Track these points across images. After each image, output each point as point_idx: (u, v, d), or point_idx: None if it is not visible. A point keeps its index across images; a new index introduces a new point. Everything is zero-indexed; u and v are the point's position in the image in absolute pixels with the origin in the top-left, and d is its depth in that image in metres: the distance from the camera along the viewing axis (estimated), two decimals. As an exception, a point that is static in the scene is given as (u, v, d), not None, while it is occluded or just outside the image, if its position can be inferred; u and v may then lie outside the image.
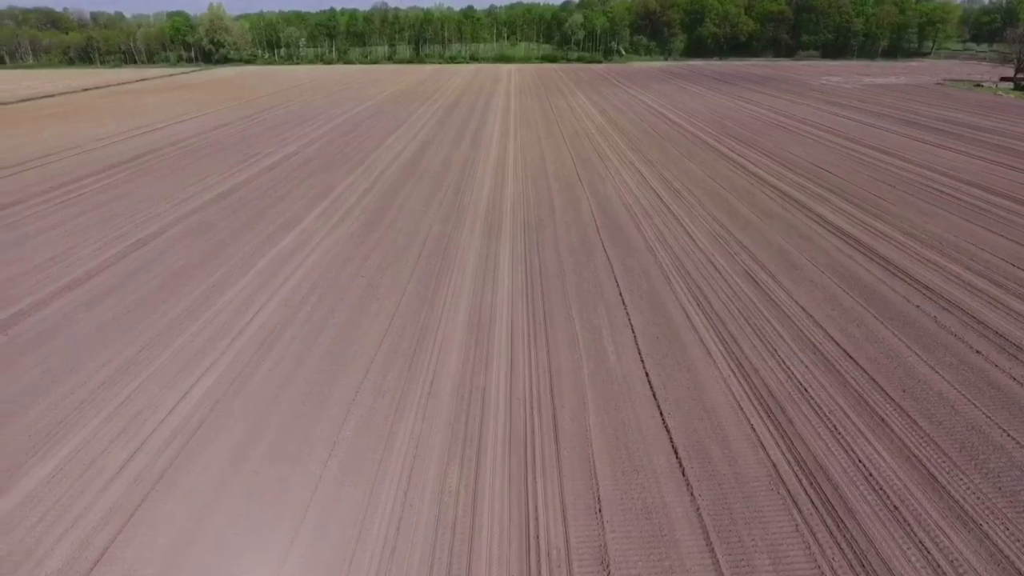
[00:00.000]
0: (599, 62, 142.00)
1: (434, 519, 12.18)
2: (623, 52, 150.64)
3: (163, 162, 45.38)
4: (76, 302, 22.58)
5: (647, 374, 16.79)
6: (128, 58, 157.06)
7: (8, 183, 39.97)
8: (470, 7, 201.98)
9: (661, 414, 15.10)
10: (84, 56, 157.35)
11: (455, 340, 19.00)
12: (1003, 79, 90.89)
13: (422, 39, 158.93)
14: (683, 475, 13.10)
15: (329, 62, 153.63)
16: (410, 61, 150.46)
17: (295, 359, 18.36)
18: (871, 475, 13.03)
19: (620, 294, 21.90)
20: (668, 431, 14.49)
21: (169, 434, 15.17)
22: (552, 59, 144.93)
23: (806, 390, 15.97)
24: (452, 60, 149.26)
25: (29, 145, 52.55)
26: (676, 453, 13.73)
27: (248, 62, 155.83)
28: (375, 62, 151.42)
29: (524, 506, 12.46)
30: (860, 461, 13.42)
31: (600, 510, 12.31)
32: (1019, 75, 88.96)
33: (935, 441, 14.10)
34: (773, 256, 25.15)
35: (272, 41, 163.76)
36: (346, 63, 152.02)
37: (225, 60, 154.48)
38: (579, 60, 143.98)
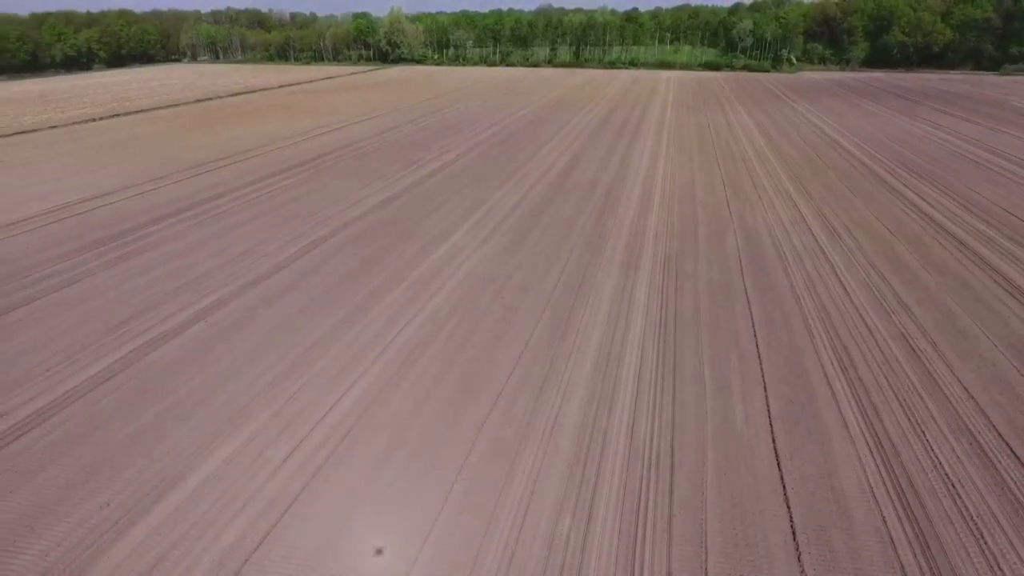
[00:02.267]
0: (767, 71, 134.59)
1: (543, 561, 13.02)
2: (794, 61, 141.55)
3: (337, 164, 50.16)
4: (259, 298, 26.04)
5: (774, 441, 16.43)
6: (317, 56, 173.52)
7: (215, 176, 46.36)
8: (634, 9, 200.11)
9: (784, 488, 14.79)
10: (282, 53, 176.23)
11: (582, 377, 19.68)
12: None
13: (583, 42, 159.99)
14: (798, 561, 12.85)
15: (492, 64, 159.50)
16: (569, 65, 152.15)
17: (435, 378, 20.00)
18: (1017, 598, 12.00)
19: (757, 345, 21.36)
20: (789, 508, 14.19)
21: (324, 435, 17.31)
22: (715, 66, 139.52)
23: (953, 486, 14.82)
24: (611, 65, 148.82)
25: (233, 141, 60.31)
26: (794, 535, 13.45)
27: (419, 62, 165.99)
28: (535, 65, 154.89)
29: (630, 564, 12.91)
30: (1006, 579, 12.38)
31: (707, 582, 12.47)
32: None
33: (1105, 571, 12.60)
34: (938, 320, 23.11)
35: (442, 42, 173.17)
36: (508, 65, 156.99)
37: (399, 60, 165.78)
38: (745, 68, 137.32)
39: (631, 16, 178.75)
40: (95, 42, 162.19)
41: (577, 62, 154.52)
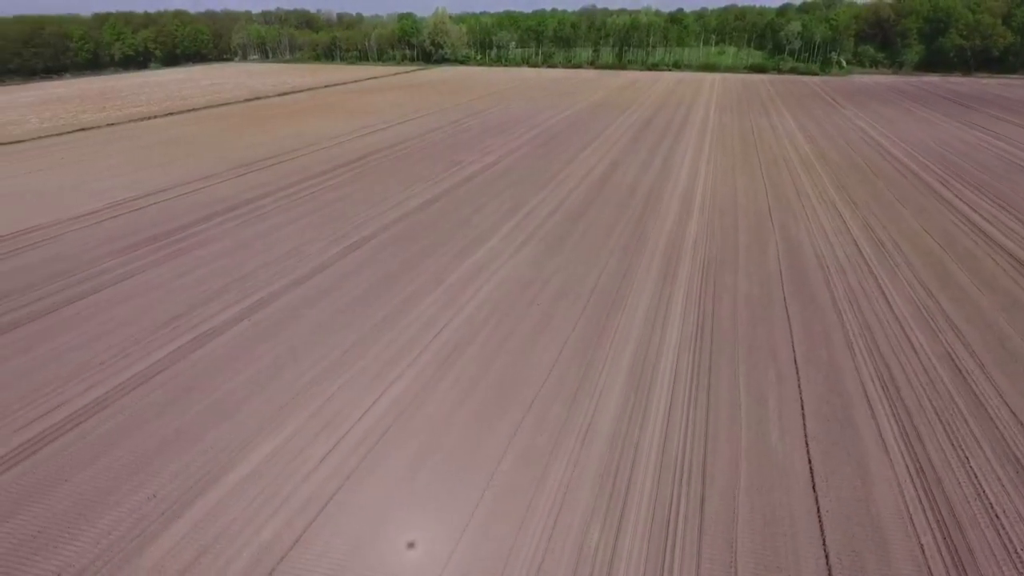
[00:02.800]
0: (815, 74, 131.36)
1: (572, 571, 13.13)
2: (844, 64, 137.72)
3: (381, 165, 51.01)
4: (302, 297, 26.75)
5: (810, 460, 16.19)
6: (362, 55, 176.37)
7: (262, 175, 47.66)
8: (679, 10, 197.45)
9: (818, 510, 14.58)
10: (328, 53, 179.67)
11: (616, 387, 19.70)
12: None
13: (626, 44, 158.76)
14: (831, 585, 12.69)
15: (535, 65, 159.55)
16: (612, 66, 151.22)
17: (470, 382, 20.28)
18: (1061, 636, 11.62)
19: (795, 360, 21.03)
20: (822, 531, 14.00)
21: (361, 436, 17.75)
22: (761, 68, 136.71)
23: (997, 516, 14.39)
24: (654, 67, 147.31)
25: (279, 140, 61.85)
26: (827, 559, 13.28)
27: (462, 62, 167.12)
28: (578, 66, 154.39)
29: (659, 579, 12.94)
30: (1050, 616, 12.00)
31: (735, 602, 12.42)
32: None
33: None
34: (987, 341, 22.37)
35: (484, 43, 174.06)
36: (550, 66, 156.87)
37: (442, 60, 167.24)
38: (792, 71, 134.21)
39: (675, 17, 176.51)
40: (151, 41, 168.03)
41: (620, 64, 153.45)
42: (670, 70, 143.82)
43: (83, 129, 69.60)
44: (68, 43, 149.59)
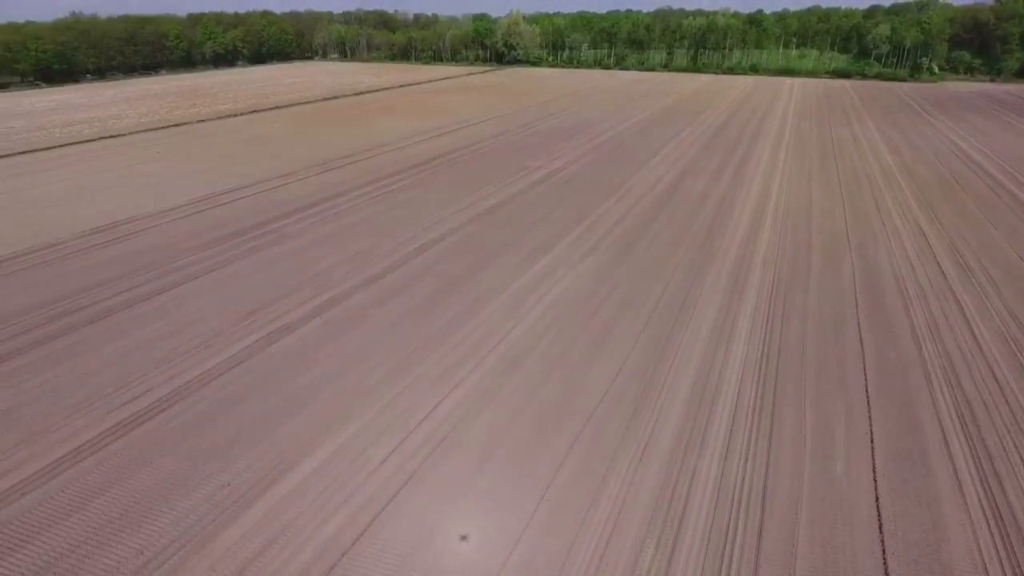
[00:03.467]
0: (903, 80, 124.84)
1: (624, 593, 13.21)
2: (935, 70, 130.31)
3: (451, 167, 51.99)
4: (371, 297, 27.69)
5: (877, 498, 15.63)
6: (436, 55, 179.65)
7: (337, 174, 49.45)
8: (759, 11, 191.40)
9: (883, 552, 14.09)
10: (404, 53, 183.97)
11: (675, 407, 19.54)
12: None
13: (701, 46, 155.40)
14: (893, 632, 12.28)
15: (606, 67, 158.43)
16: (685, 70, 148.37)
17: (530, 391, 20.55)
18: None
19: (866, 391, 20.28)
20: (887, 573, 13.52)
21: (422, 439, 18.30)
22: (845, 74, 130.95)
23: (1082, 573, 13.55)
24: (730, 70, 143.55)
25: (355, 140, 63.92)
26: (891, 603, 12.85)
27: (534, 64, 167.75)
28: (651, 69, 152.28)
29: (712, 609, 12.84)
30: None
31: (790, 639, 12.19)
32: None
33: None
34: (1082, 380, 20.95)
35: (557, 44, 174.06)
36: (622, 69, 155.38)
37: (514, 61, 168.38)
38: (878, 77, 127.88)
39: (754, 18, 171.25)
40: (240, 40, 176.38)
41: (694, 67, 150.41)
42: (746, 74, 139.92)
43: (176, 125, 73.91)
44: (165, 42, 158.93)
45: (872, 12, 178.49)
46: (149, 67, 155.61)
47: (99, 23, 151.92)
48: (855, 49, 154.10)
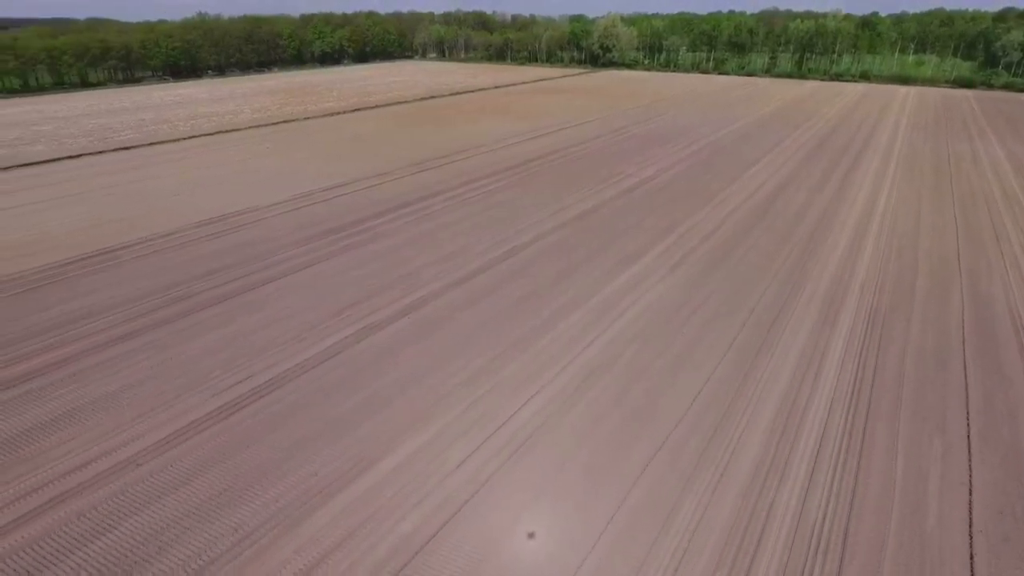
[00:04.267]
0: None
1: (690, 623, 13.13)
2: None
3: (544, 170, 52.44)
4: (460, 299, 28.52)
5: (972, 556, 14.68)
6: (532, 56, 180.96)
7: (432, 175, 51.04)
8: (874, 13, 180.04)
9: (976, 612, 13.28)
10: (500, 54, 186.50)
11: (756, 435, 19.04)
12: None
13: (808, 51, 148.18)
14: None
15: (704, 71, 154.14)
16: (790, 75, 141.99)
17: (610, 403, 20.62)
18: None
19: (968, 436, 18.99)
20: (978, 636, 12.75)
21: (500, 445, 18.77)
22: (968, 83, 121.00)
23: None
24: (838, 77, 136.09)
25: (450, 140, 65.63)
26: (980, 669, 12.09)
27: (629, 66, 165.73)
28: (751, 74, 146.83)
29: (782, 650, 12.55)
30: None
31: None
32: None
33: None
34: None
35: (654, 46, 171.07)
36: (721, 73, 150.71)
37: (609, 63, 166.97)
38: (1006, 87, 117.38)
39: (868, 21, 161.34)
40: (346, 40, 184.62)
41: (799, 72, 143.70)
42: (856, 81, 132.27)
43: (284, 121, 78.49)
44: (279, 40, 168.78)
45: (1004, 16, 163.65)
46: (263, 64, 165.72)
47: (221, 23, 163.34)
48: (981, 56, 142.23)
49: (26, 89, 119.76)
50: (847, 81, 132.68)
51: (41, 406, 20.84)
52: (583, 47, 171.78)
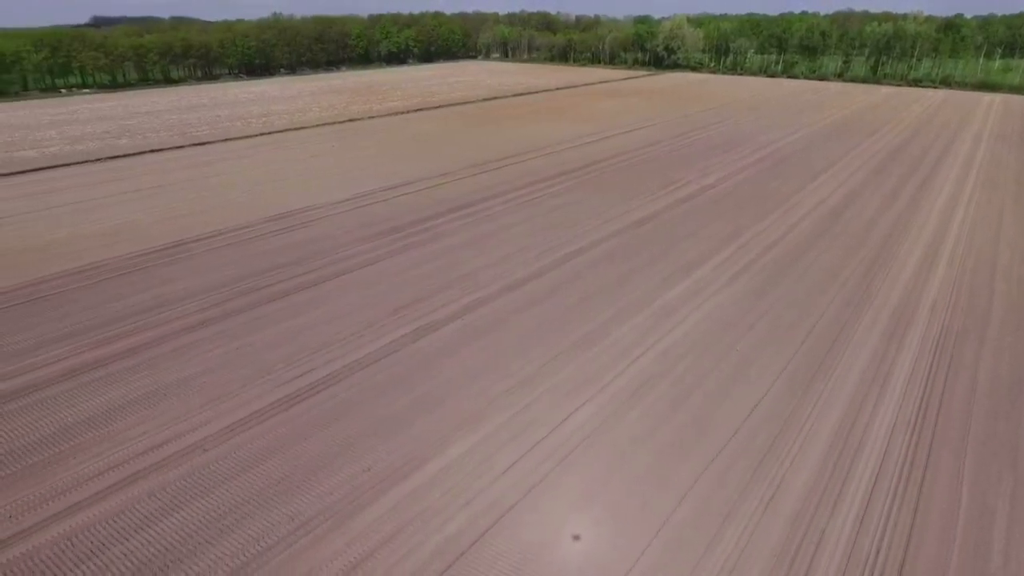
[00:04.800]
0: None
1: (734, 646, 13.00)
2: None
3: (602, 175, 52.24)
4: (514, 303, 28.83)
5: (1040, 599, 14.00)
6: (594, 58, 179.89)
7: (492, 176, 51.60)
8: (958, 15, 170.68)
9: (1041, 660, 12.65)
10: (562, 55, 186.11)
11: (810, 459, 18.59)
12: None
13: (884, 54, 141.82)
14: None
15: (773, 75, 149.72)
16: (863, 80, 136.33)
17: (659, 417, 20.53)
18: None
19: (1043, 472, 18.04)
20: None
21: (547, 452, 18.98)
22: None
23: None
24: (916, 82, 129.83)
25: (511, 142, 66.09)
26: None
27: (694, 69, 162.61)
28: (823, 78, 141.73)
29: None
30: None
31: None
32: None
33: None
34: None
35: (720, 48, 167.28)
36: (790, 77, 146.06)
37: (674, 65, 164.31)
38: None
39: (952, 23, 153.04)
40: (412, 39, 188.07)
41: (874, 77, 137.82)
42: (936, 87, 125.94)
43: (351, 120, 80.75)
44: (347, 40, 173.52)
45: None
46: (332, 63, 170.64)
47: (294, 23, 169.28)
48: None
49: (114, 85, 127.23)
50: (926, 87, 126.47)
51: (120, 388, 22.28)
52: (647, 48, 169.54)
